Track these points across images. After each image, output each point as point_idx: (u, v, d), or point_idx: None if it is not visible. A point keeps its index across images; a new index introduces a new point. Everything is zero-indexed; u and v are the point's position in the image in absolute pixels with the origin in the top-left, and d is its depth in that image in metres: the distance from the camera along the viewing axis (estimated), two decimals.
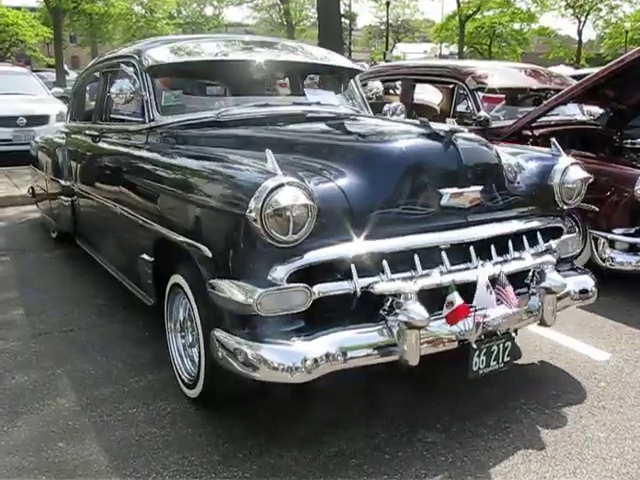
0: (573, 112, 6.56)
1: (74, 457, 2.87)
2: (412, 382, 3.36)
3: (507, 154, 3.56)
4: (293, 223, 2.56)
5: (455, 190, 2.99)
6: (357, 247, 2.74)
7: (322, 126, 3.92)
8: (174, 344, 3.49)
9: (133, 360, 3.82)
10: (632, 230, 4.84)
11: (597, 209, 4.85)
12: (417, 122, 3.37)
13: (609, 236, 4.85)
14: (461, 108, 6.89)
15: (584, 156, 5.31)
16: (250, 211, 2.55)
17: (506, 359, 3.00)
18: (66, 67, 21.49)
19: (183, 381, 3.36)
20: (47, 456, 2.88)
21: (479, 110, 6.06)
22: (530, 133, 5.91)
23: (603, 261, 4.88)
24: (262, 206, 2.53)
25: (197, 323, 3.08)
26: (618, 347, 4.05)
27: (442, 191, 2.97)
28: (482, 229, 3.09)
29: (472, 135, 3.29)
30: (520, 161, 3.56)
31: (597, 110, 6.57)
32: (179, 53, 4.36)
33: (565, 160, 3.51)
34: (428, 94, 8.02)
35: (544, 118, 5.97)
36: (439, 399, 3.34)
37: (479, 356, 2.89)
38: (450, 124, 3.17)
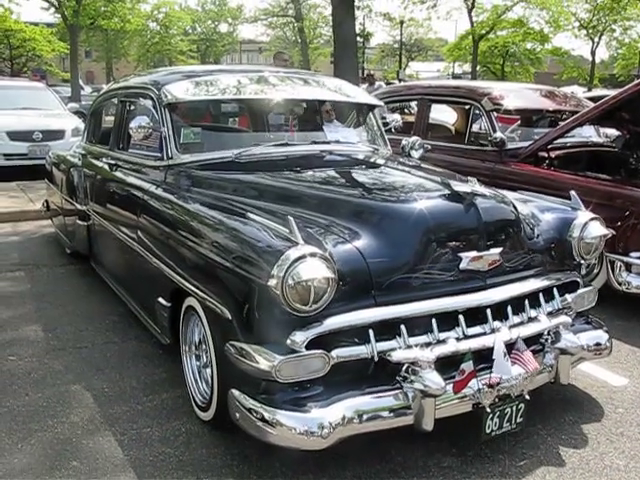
0: (589, 134, 6.54)
1: (88, 477, 2.86)
2: None
3: (521, 203, 3.54)
4: (314, 294, 2.57)
5: (475, 254, 2.97)
6: (376, 313, 2.74)
7: (341, 176, 3.86)
8: (189, 366, 3.48)
9: (147, 378, 3.81)
10: None
11: (614, 232, 4.81)
12: (438, 178, 3.35)
13: (625, 259, 4.80)
14: (475, 128, 6.89)
15: (601, 178, 5.31)
16: (271, 281, 2.56)
17: (519, 420, 2.95)
18: (81, 82, 21.67)
19: (197, 403, 3.35)
20: (61, 475, 2.88)
21: (495, 131, 6.03)
22: (546, 155, 5.90)
23: (619, 285, 4.83)
24: (284, 277, 2.53)
25: (210, 345, 3.08)
26: (635, 372, 4.00)
27: (462, 255, 2.95)
28: (499, 291, 3.05)
29: (493, 194, 3.26)
30: (534, 211, 3.54)
31: (613, 132, 6.54)
32: (199, 89, 4.23)
33: (584, 215, 3.49)
34: (441, 113, 8.02)
35: (560, 140, 5.96)
36: (454, 423, 3.30)
37: (492, 419, 2.86)
38: (472, 184, 3.16)
